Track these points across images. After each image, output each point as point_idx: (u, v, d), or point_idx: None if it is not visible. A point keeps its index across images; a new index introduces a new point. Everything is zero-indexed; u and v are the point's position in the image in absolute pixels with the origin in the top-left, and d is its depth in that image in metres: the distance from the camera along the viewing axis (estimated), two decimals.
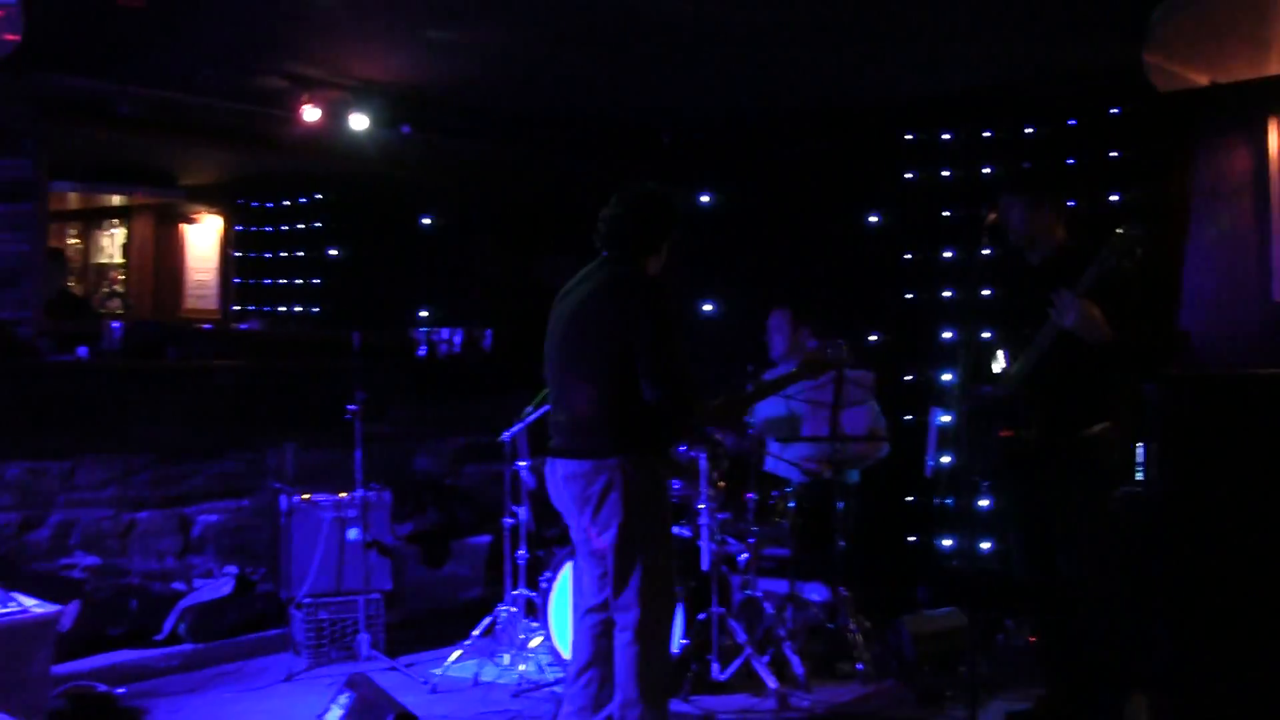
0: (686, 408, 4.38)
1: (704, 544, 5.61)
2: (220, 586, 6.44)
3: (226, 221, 10.55)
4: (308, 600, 6.20)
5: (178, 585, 6.49)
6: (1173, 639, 3.81)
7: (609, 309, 4.37)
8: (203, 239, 10.76)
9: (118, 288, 10.75)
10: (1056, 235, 4.87)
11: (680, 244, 4.61)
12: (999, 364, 4.84)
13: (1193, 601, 3.79)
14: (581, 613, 4.61)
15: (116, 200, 11.08)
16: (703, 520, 5.60)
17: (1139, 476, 5.69)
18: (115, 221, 11.37)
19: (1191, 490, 3.82)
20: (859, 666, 5.69)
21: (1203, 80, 5.96)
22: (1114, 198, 6.33)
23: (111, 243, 11.41)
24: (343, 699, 4.74)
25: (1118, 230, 4.37)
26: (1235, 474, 3.78)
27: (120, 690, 5.47)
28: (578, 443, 4.40)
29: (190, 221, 10.81)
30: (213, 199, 10.56)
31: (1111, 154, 6.37)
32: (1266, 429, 3.78)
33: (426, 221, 8.76)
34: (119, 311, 9.16)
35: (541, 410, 5.84)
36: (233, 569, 6.61)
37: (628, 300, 4.33)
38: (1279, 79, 5.91)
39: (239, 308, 10.32)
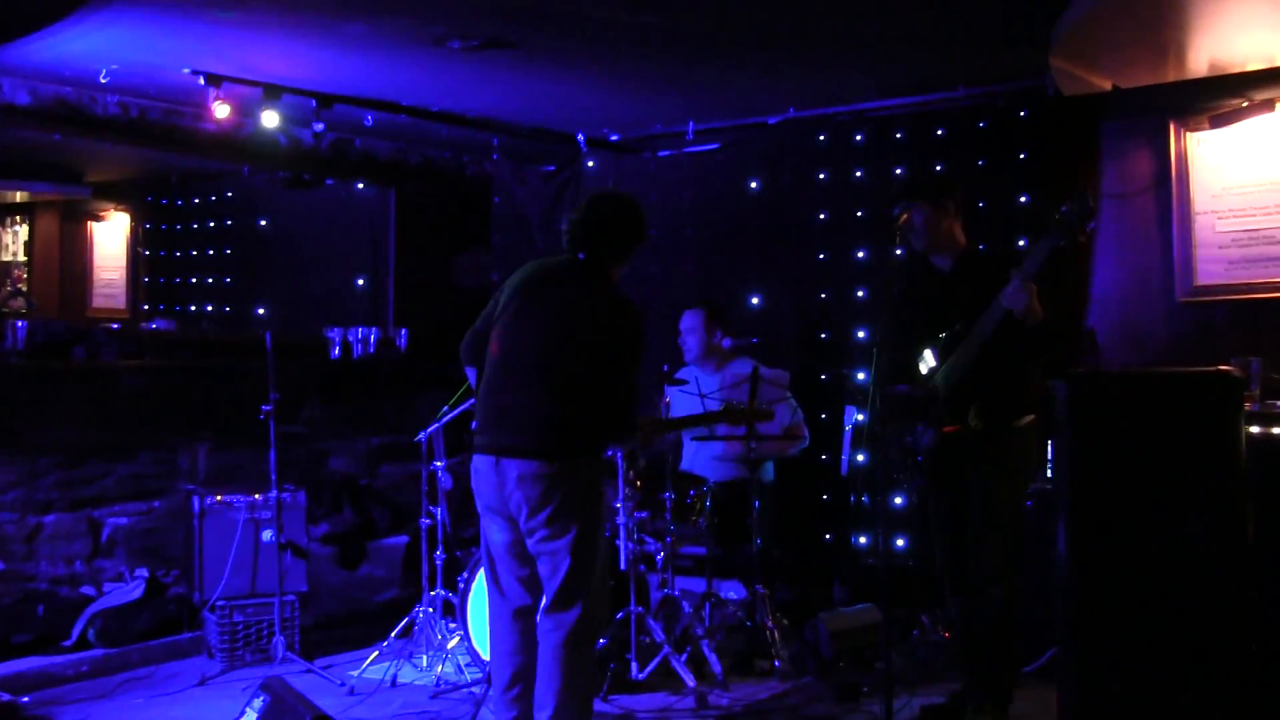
0: (631, 437, 4.64)
1: (621, 543, 5.64)
2: (131, 590, 6.34)
3: (135, 219, 10.36)
4: (221, 603, 6.12)
5: (86, 590, 6.37)
6: (1075, 634, 3.89)
7: (600, 325, 4.38)
8: (110, 237, 10.55)
9: (21, 286, 10.50)
10: (958, 239, 4.95)
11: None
12: (926, 363, 4.90)
13: (1095, 597, 3.87)
14: (509, 618, 4.49)
15: (19, 196, 10.82)
16: (620, 519, 5.62)
17: (1049, 474, 5.82)
18: (18, 218, 11.10)
19: (1096, 487, 3.90)
20: (776, 664, 5.74)
21: (1106, 85, 6.12)
22: (1023, 199, 6.45)
23: (14, 240, 11.14)
24: (257, 703, 4.68)
25: (1061, 209, 4.44)
26: (1139, 471, 3.87)
27: (25, 699, 5.36)
28: (539, 443, 4.29)
29: (97, 219, 10.59)
30: (121, 196, 10.35)
31: (1020, 156, 6.50)
32: (1170, 427, 3.88)
33: (339, 221, 8.67)
34: (23, 311, 8.94)
35: (459, 410, 5.83)
36: (144, 572, 6.51)
37: (622, 324, 4.40)
38: (1178, 84, 6.09)
39: (148, 307, 10.13)
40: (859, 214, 6.98)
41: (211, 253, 9.71)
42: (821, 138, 7.15)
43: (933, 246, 4.94)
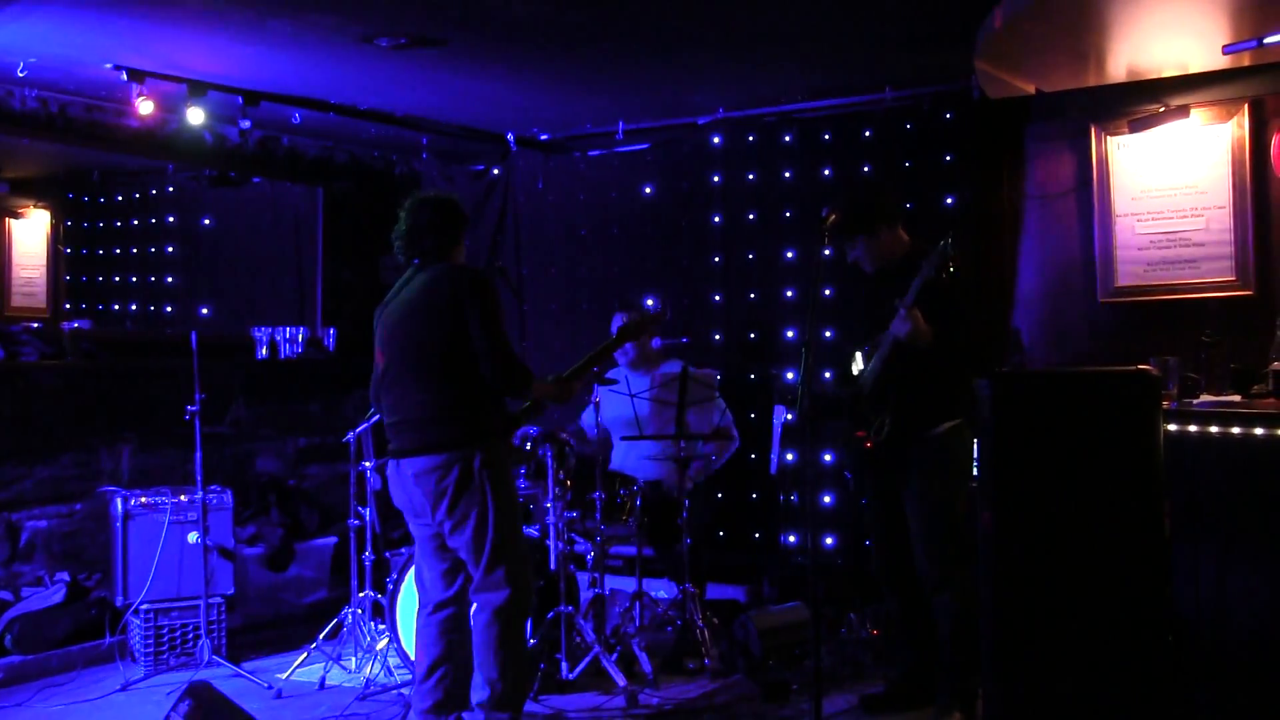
0: (524, 385, 4.60)
1: (551, 543, 5.63)
2: (51, 595, 6.23)
3: (56, 216, 10.15)
4: (145, 606, 6.04)
5: (4, 595, 6.24)
6: (997, 628, 3.95)
7: (437, 303, 4.50)
8: (30, 234, 10.32)
9: None
10: (903, 242, 5.02)
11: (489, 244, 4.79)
12: (857, 365, 4.98)
13: (1016, 592, 3.93)
14: (428, 610, 4.67)
15: None
16: (550, 519, 5.62)
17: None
18: None
19: (1018, 484, 3.96)
20: (706, 662, 5.76)
21: (1029, 88, 6.21)
22: (949, 200, 6.53)
23: None
24: (182, 707, 4.61)
25: (940, 243, 4.54)
26: (1060, 468, 3.94)
27: None
28: (425, 439, 4.48)
29: (16, 216, 10.35)
30: (40, 193, 10.12)
31: (946, 157, 6.58)
32: (1090, 425, 3.95)
33: (266, 219, 8.57)
34: None
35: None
36: (64, 576, 6.39)
37: (453, 290, 4.49)
38: (1099, 89, 6.21)
39: (70, 306, 9.94)
40: (787, 214, 7.03)
41: (135, 251, 9.54)
42: (750, 139, 7.19)
43: (882, 263, 5.00)
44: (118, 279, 9.69)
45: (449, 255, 4.67)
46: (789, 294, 7.02)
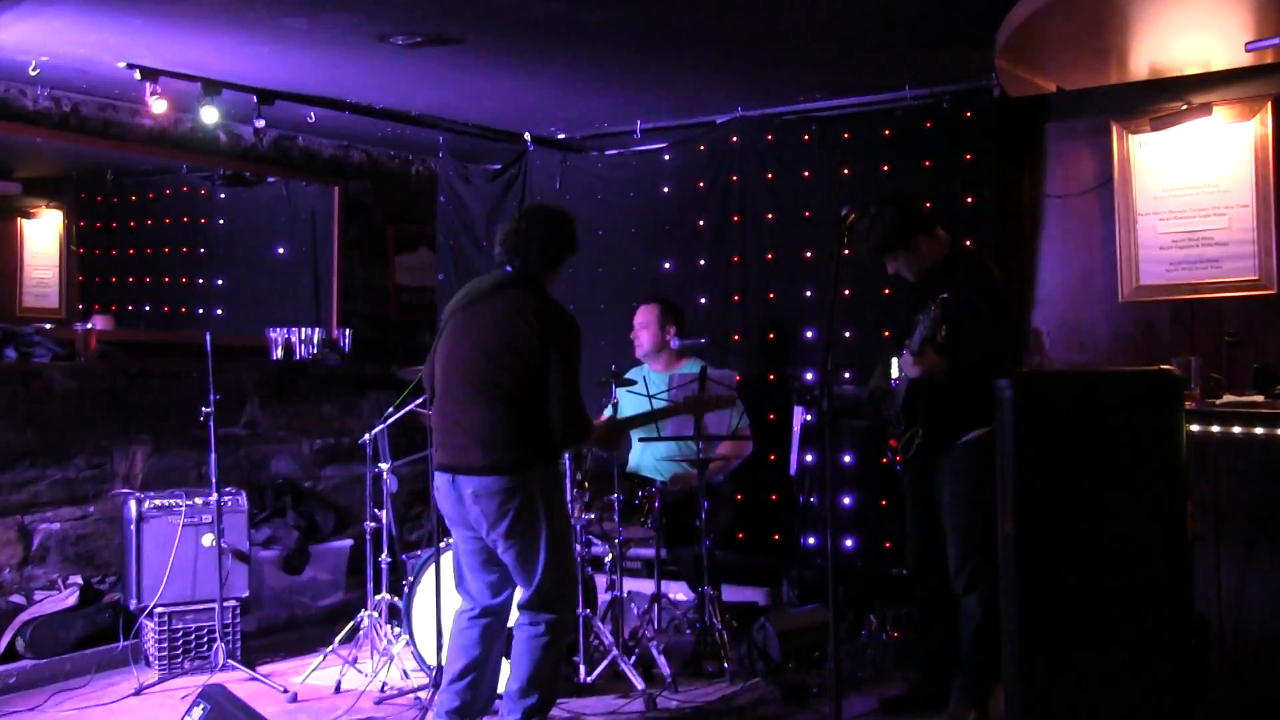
0: (585, 437, 4.63)
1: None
2: (64, 598, 6.19)
3: (68, 216, 10.15)
4: (159, 610, 6.02)
5: (16, 599, 6.22)
6: (1019, 629, 3.92)
7: (525, 333, 4.44)
8: (42, 234, 10.32)
9: None
10: (942, 242, 4.98)
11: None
12: (895, 370, 4.97)
13: (1038, 593, 3.90)
14: (471, 615, 4.67)
15: None
16: None
17: None
18: None
19: (1039, 485, 3.92)
20: (725, 665, 5.72)
21: (1050, 86, 6.18)
22: (969, 200, 6.48)
23: None
24: (197, 711, 4.58)
25: (943, 295, 4.48)
26: (1081, 469, 3.90)
27: None
28: (485, 460, 4.41)
29: (28, 216, 10.36)
30: (53, 193, 10.12)
31: (966, 157, 6.52)
32: (1112, 425, 3.91)
33: (281, 219, 8.56)
34: None
35: (404, 411, 5.76)
36: (77, 580, 6.37)
37: (545, 329, 4.44)
38: (1120, 87, 6.17)
39: (83, 307, 9.94)
40: (806, 214, 6.98)
41: (149, 251, 9.54)
42: (769, 138, 7.14)
43: (924, 269, 4.97)
44: (132, 280, 9.68)
45: (545, 275, 4.63)
46: (808, 294, 6.96)
